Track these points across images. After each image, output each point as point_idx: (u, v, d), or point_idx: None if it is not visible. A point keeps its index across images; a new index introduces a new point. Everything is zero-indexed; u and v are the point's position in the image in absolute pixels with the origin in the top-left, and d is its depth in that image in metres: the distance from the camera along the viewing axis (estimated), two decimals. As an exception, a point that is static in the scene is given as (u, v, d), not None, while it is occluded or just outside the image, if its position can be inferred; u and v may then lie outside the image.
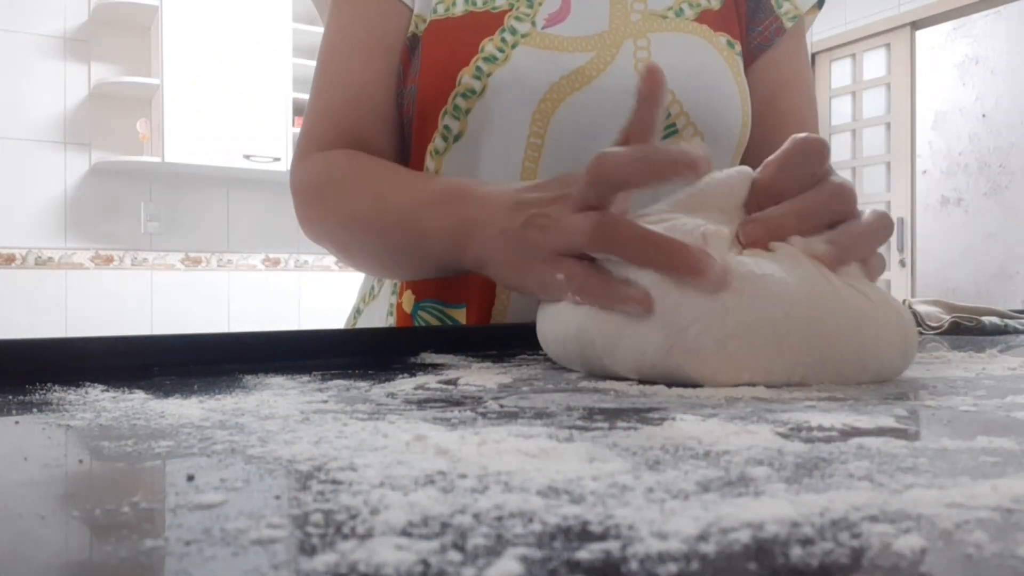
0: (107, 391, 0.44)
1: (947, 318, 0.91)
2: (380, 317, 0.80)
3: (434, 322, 0.74)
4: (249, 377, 0.50)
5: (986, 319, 0.91)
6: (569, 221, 0.46)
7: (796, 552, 0.16)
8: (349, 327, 0.85)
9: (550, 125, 0.68)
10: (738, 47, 0.75)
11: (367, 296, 0.85)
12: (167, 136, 3.08)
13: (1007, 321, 0.91)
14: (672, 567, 0.15)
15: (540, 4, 0.71)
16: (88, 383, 0.46)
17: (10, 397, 0.42)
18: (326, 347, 0.61)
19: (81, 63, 3.18)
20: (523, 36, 0.69)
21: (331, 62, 0.76)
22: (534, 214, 0.49)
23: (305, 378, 0.49)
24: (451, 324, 0.73)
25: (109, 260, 3.24)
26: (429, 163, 0.72)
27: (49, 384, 0.46)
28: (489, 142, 0.69)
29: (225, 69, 3.13)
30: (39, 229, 3.12)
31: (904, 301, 0.99)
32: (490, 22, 0.70)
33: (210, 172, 3.23)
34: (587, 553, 0.16)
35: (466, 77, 0.68)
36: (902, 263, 3.78)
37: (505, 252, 0.51)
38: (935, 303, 0.95)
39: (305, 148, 0.75)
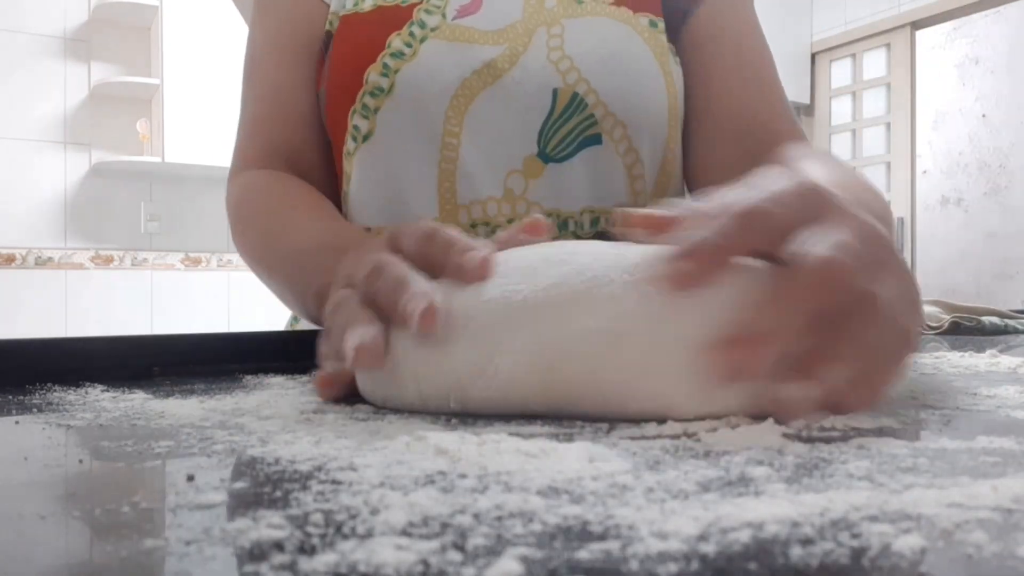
0: (107, 391, 0.44)
1: (947, 318, 0.91)
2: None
3: None
4: (249, 377, 0.50)
5: (986, 319, 0.91)
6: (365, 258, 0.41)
7: (796, 552, 0.16)
8: (289, 328, 0.82)
9: (465, 122, 0.65)
10: (662, 25, 0.70)
11: None
12: (167, 136, 3.08)
13: (1007, 321, 0.91)
14: (672, 567, 0.15)
15: None
16: (88, 383, 0.47)
17: (10, 397, 0.42)
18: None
19: (81, 63, 3.18)
20: (432, 30, 0.66)
21: (256, 71, 0.74)
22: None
23: (305, 378, 0.49)
24: None
25: (109, 260, 3.24)
26: (345, 166, 0.69)
27: (49, 384, 0.46)
28: (401, 142, 0.67)
29: (225, 69, 3.13)
30: (39, 229, 3.12)
31: None
32: (399, 16, 0.67)
33: (210, 172, 3.23)
34: (587, 553, 0.16)
35: (373, 75, 0.65)
36: (902, 263, 3.78)
37: None
38: (935, 303, 0.96)
39: (236, 166, 0.74)
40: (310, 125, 0.72)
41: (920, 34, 3.76)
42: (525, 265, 0.37)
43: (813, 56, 4.08)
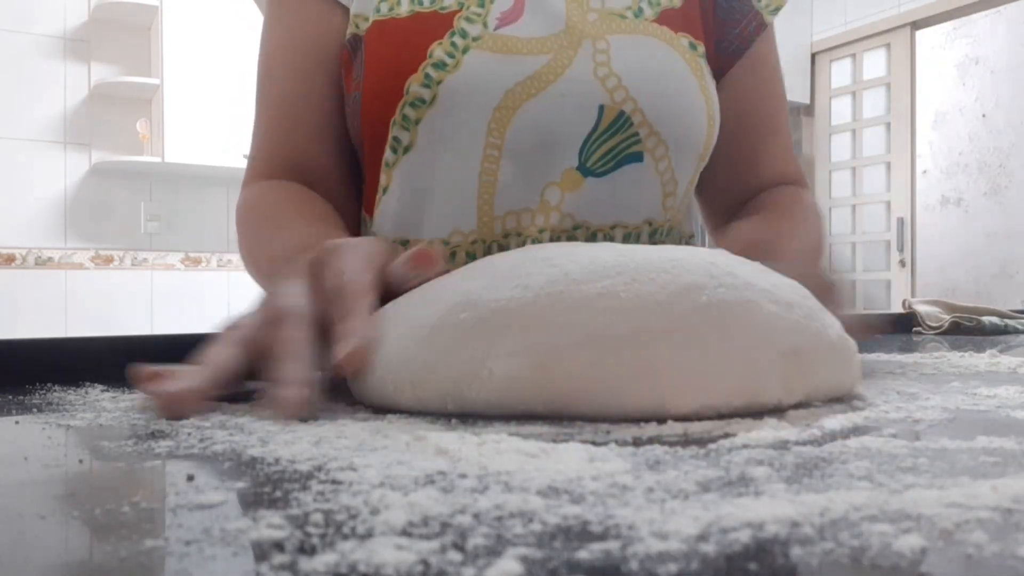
0: (107, 391, 0.44)
1: (947, 318, 0.91)
2: None
3: None
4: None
5: (986, 319, 0.91)
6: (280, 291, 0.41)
7: (796, 552, 0.16)
8: None
9: (507, 133, 0.65)
10: (701, 49, 0.71)
11: None
12: (167, 136, 3.08)
13: (1007, 321, 0.91)
14: (672, 567, 0.15)
15: (492, 3, 0.67)
16: (88, 383, 0.47)
17: (10, 397, 0.42)
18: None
19: (81, 63, 3.18)
20: (474, 39, 0.65)
21: (267, 80, 0.73)
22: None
23: (305, 378, 0.49)
24: None
25: (109, 260, 3.24)
26: (382, 176, 0.68)
27: (49, 384, 0.46)
28: (443, 154, 0.66)
29: (225, 69, 3.13)
30: (39, 229, 3.12)
31: (904, 301, 0.99)
32: (438, 23, 0.65)
33: (210, 172, 3.23)
34: (587, 553, 0.16)
35: (414, 86, 0.64)
36: (902, 263, 3.78)
37: None
38: (935, 303, 0.95)
39: (249, 175, 0.73)
40: (323, 133, 0.71)
41: (920, 34, 3.76)
42: (514, 268, 0.37)
43: (813, 56, 4.08)
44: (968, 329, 0.90)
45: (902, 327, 0.96)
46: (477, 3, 0.66)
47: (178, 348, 0.56)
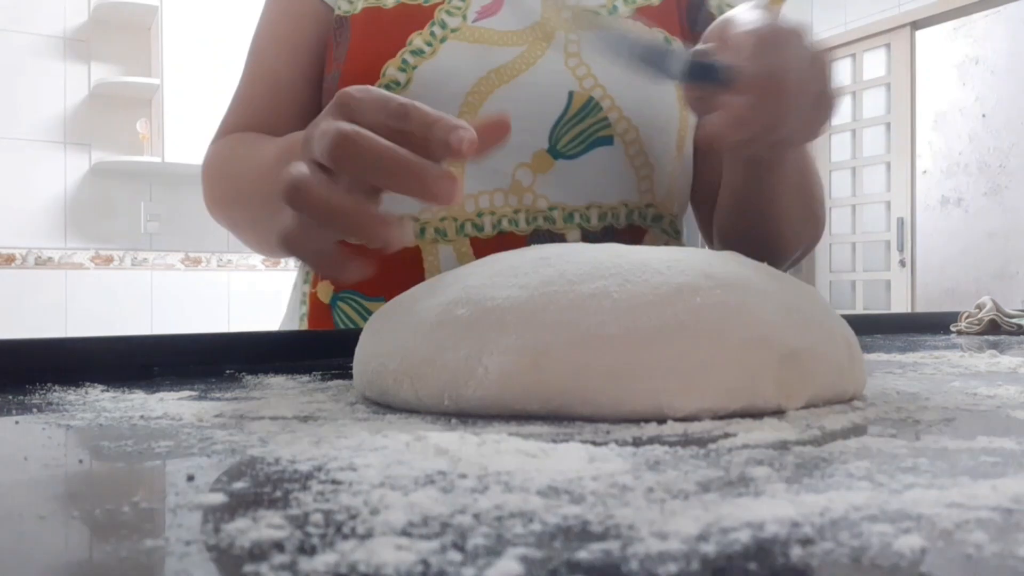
0: (107, 391, 0.44)
1: (986, 318, 0.89)
2: (295, 307, 0.79)
3: (353, 314, 0.72)
4: (249, 377, 0.50)
5: None
6: (319, 130, 0.38)
7: (796, 552, 0.16)
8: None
9: (477, 117, 0.66)
10: (676, 43, 0.74)
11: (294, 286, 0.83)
12: (167, 136, 3.08)
13: None
14: (672, 567, 0.15)
15: None
16: (88, 383, 0.46)
17: (10, 397, 0.42)
18: (326, 347, 0.61)
19: (81, 63, 3.18)
20: (452, 31, 0.69)
21: (255, 59, 0.76)
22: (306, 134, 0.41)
23: (305, 378, 0.49)
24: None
25: (109, 260, 3.24)
26: None
27: (49, 384, 0.46)
28: None
29: (225, 69, 3.13)
30: (39, 229, 3.12)
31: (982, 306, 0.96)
32: (421, 15, 0.69)
33: (210, 172, 3.24)
34: (587, 553, 0.16)
35: (391, 69, 0.68)
36: (902, 263, 3.78)
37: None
38: (989, 302, 0.93)
39: (218, 134, 0.76)
40: (301, 107, 0.74)
41: (920, 34, 3.75)
42: (513, 267, 0.37)
43: (813, 56, 4.08)
44: (1005, 331, 0.89)
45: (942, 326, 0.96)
46: None
47: (178, 348, 0.56)
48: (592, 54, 0.70)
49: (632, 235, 0.71)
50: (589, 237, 0.69)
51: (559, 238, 0.68)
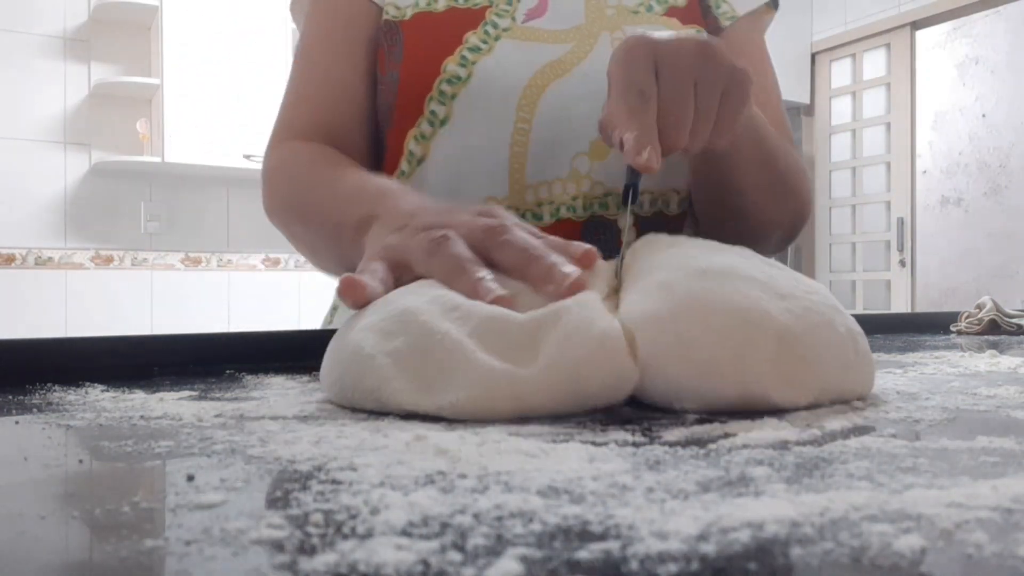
0: (107, 391, 0.44)
1: (985, 317, 0.89)
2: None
3: None
4: (249, 377, 0.50)
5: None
6: (458, 215, 0.47)
7: (796, 552, 0.16)
8: (326, 324, 0.85)
9: (536, 110, 0.71)
10: (705, 36, 0.76)
11: None
12: (167, 136, 3.07)
13: None
14: (672, 567, 0.15)
15: (519, 1, 0.75)
16: (88, 383, 0.46)
17: (10, 397, 0.42)
18: (326, 347, 0.61)
19: (81, 63, 3.18)
20: (504, 30, 0.73)
21: (309, 58, 0.78)
22: (426, 216, 0.49)
23: (305, 378, 0.49)
24: None
25: (109, 260, 3.24)
26: (414, 147, 0.74)
27: (49, 384, 0.46)
28: (476, 127, 0.72)
29: (225, 69, 3.13)
30: (39, 229, 3.11)
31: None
32: (471, 17, 0.73)
33: (210, 172, 3.23)
34: (587, 553, 0.16)
35: (451, 65, 0.71)
36: (902, 263, 3.78)
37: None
38: (990, 302, 0.93)
39: (278, 135, 0.77)
40: (357, 106, 0.76)
41: (920, 34, 3.75)
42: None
43: (813, 56, 4.08)
44: (1004, 331, 0.89)
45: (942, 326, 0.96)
46: (506, 1, 0.74)
47: (178, 348, 0.56)
48: None
49: (680, 221, 0.74)
50: (641, 222, 0.72)
51: (612, 224, 0.71)
